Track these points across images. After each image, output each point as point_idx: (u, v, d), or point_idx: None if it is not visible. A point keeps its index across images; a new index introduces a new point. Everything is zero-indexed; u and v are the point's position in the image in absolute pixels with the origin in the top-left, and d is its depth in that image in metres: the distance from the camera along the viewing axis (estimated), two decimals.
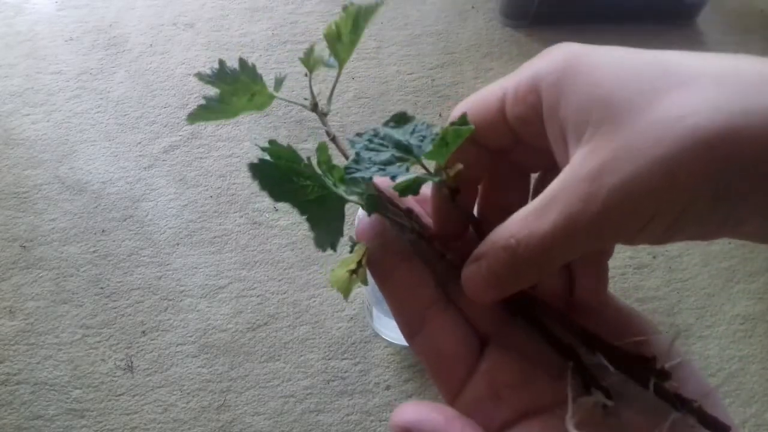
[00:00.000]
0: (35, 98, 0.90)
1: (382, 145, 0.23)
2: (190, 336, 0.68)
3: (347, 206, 0.23)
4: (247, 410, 0.64)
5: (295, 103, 0.25)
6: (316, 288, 0.72)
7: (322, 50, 0.25)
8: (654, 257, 0.74)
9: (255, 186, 0.22)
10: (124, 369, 0.66)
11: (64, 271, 0.73)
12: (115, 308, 0.70)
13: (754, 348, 0.68)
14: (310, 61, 0.25)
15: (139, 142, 0.85)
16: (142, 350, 0.68)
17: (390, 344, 0.68)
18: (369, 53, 0.96)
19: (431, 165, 0.22)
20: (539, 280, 0.21)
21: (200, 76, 0.24)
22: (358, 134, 0.23)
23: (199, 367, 0.67)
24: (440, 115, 0.88)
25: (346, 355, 0.67)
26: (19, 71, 0.93)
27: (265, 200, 0.78)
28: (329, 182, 0.23)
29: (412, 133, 0.23)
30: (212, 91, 0.25)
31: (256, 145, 0.26)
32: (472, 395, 0.21)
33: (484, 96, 0.21)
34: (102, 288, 0.72)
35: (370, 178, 0.22)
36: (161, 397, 0.65)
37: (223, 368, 0.66)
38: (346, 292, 0.22)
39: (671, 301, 0.71)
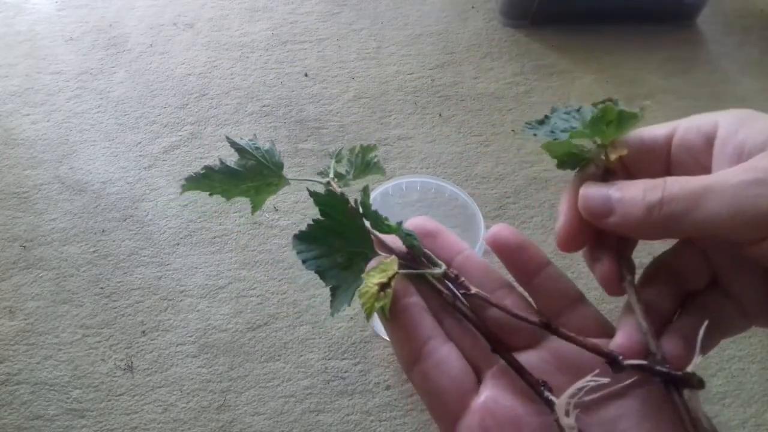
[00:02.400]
0: (35, 98, 0.90)
1: (575, 119, 0.24)
2: (190, 336, 0.68)
3: None
4: (247, 410, 0.64)
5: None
6: (316, 288, 0.72)
7: None
8: (654, 257, 0.74)
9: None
10: (124, 369, 0.66)
11: (64, 271, 0.73)
12: (115, 308, 0.70)
13: (754, 348, 0.68)
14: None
15: (139, 142, 0.85)
16: (142, 350, 0.68)
17: (390, 344, 0.68)
18: (369, 53, 0.96)
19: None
20: (644, 237, 0.23)
21: (230, 141, 0.25)
22: (568, 104, 0.25)
23: (199, 367, 0.67)
24: (440, 115, 0.88)
25: (346, 355, 0.67)
26: (19, 71, 0.93)
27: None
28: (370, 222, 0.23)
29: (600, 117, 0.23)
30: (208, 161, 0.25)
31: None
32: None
33: (654, 127, 0.23)
34: (102, 288, 0.72)
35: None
36: (161, 397, 0.65)
37: (223, 368, 0.66)
38: (369, 310, 0.22)
39: None
